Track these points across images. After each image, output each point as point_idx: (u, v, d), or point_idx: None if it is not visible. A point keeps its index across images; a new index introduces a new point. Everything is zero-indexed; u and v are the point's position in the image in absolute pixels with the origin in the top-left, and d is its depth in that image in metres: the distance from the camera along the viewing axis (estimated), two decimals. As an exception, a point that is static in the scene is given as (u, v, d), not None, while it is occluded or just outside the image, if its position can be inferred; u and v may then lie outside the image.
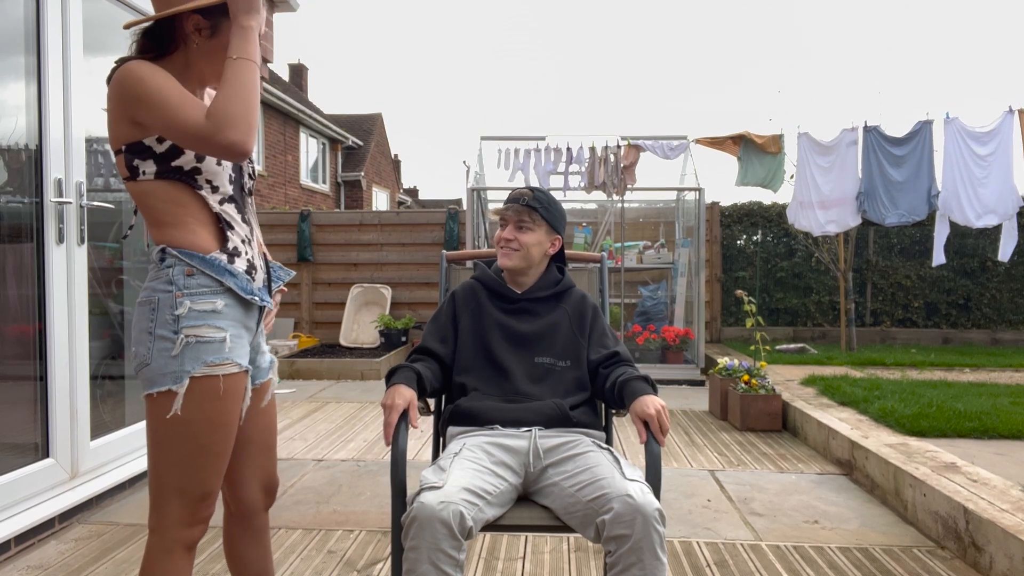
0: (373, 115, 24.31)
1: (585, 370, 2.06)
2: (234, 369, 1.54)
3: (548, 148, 7.03)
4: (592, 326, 2.14)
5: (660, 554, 1.59)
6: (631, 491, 1.63)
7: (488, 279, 2.17)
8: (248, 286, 1.59)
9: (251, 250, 1.64)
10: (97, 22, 3.24)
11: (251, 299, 1.59)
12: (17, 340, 2.84)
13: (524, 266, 2.11)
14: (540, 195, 2.11)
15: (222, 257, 1.55)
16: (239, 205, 1.63)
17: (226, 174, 1.58)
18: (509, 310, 2.11)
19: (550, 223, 2.11)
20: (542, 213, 2.09)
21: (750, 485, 3.57)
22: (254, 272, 1.63)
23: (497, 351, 2.04)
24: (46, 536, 2.81)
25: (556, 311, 2.12)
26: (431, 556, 1.56)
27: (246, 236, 1.63)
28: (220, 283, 1.53)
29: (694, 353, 6.85)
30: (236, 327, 1.57)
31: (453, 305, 2.15)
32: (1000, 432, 3.92)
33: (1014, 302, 8.48)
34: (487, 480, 1.75)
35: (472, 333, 2.09)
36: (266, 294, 1.66)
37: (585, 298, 2.18)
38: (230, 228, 1.59)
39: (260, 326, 1.70)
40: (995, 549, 2.46)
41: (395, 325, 7.93)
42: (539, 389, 1.99)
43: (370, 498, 3.31)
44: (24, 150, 2.84)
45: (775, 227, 8.70)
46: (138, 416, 3.56)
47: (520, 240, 2.08)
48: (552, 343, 2.07)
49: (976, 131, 6.50)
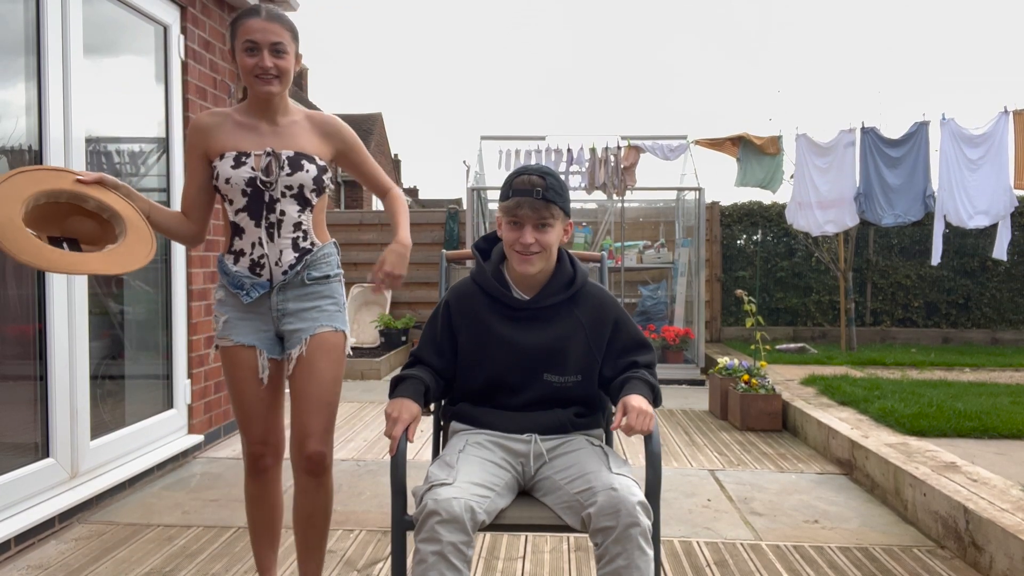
0: (373, 115, 24.33)
1: (595, 386, 1.93)
2: (228, 343, 2.03)
3: (548, 149, 7.04)
4: (613, 337, 1.91)
5: (644, 545, 1.60)
6: (615, 484, 1.65)
7: (489, 286, 1.91)
8: (239, 281, 1.99)
9: (263, 249, 1.98)
10: (97, 23, 3.24)
11: (236, 293, 2.00)
12: (17, 340, 2.83)
13: (548, 268, 1.89)
14: (552, 181, 1.82)
15: (228, 258, 2.01)
16: (254, 212, 1.96)
17: (238, 189, 1.94)
18: (514, 318, 1.89)
19: (564, 210, 1.86)
20: (560, 204, 1.83)
21: (750, 485, 3.57)
22: (259, 269, 1.99)
23: (502, 371, 1.88)
24: (46, 536, 2.81)
25: (569, 320, 1.89)
26: (443, 550, 1.58)
27: (260, 239, 1.97)
28: (223, 279, 2.02)
29: (694, 353, 6.86)
30: (235, 312, 2.02)
31: (448, 315, 1.94)
32: (1000, 432, 3.92)
33: (1014, 302, 8.48)
34: (493, 472, 1.78)
35: (473, 352, 1.90)
36: (257, 289, 1.99)
37: (604, 297, 1.95)
38: (240, 234, 1.99)
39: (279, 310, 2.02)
40: (995, 549, 2.46)
41: (395, 325, 7.93)
42: (544, 407, 1.91)
43: (370, 498, 3.31)
44: (25, 150, 2.84)
45: (775, 227, 8.70)
46: (138, 416, 3.57)
47: (542, 241, 1.82)
48: (563, 359, 1.88)
49: (971, 133, 6.53)
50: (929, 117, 6.72)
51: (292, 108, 2.05)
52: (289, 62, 1.95)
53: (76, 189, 1.82)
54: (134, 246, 1.84)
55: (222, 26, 4.23)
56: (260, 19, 1.91)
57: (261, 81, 1.91)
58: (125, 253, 1.81)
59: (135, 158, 3.63)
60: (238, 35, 1.92)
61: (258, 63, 1.90)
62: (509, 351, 1.87)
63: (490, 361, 1.89)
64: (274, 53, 1.91)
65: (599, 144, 6.93)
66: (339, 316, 2.08)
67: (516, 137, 7.18)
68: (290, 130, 2.01)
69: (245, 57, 1.91)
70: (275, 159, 1.95)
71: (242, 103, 2.03)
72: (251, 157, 1.95)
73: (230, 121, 2.00)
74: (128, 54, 3.53)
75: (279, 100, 2.00)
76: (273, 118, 2.00)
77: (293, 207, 1.98)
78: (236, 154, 1.95)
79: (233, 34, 1.94)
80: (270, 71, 1.90)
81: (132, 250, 1.83)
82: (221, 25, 4.22)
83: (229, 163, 1.95)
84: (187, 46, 3.88)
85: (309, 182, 1.98)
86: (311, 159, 1.99)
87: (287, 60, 1.94)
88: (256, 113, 1.99)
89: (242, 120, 2.00)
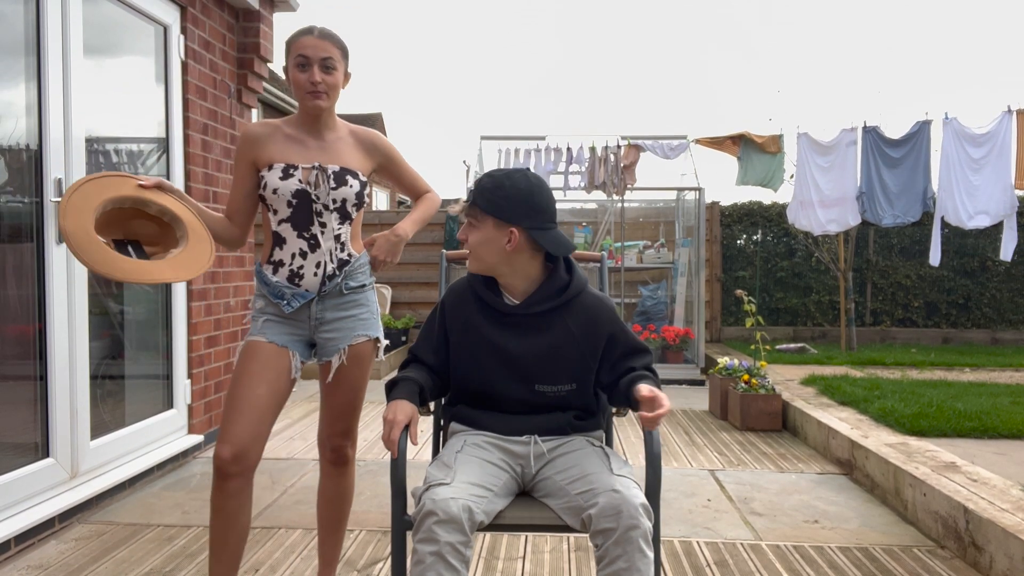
0: (373, 115, 24.32)
1: (591, 393, 1.90)
2: (260, 339, 2.04)
3: (548, 148, 7.03)
4: (608, 349, 1.87)
5: (644, 547, 1.60)
6: (616, 486, 1.65)
7: (479, 286, 1.89)
8: (279, 292, 2.05)
9: (303, 260, 2.04)
10: (97, 23, 3.24)
11: (277, 303, 2.05)
12: (17, 340, 2.83)
13: (483, 269, 1.85)
14: (485, 182, 1.81)
15: (267, 268, 2.07)
16: (297, 223, 2.03)
17: (284, 200, 2.01)
18: (503, 324, 1.85)
19: (495, 215, 1.78)
20: (482, 205, 1.79)
21: (750, 485, 3.57)
22: (299, 280, 2.04)
23: (491, 380, 1.86)
24: (46, 536, 2.81)
25: (559, 328, 1.84)
26: (440, 551, 1.58)
27: (301, 249, 2.03)
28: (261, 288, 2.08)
29: (694, 353, 6.86)
30: (274, 317, 2.07)
31: (443, 316, 1.93)
32: (1000, 432, 3.92)
33: (1014, 302, 8.48)
34: (491, 473, 1.78)
35: (463, 354, 1.89)
36: (299, 299, 2.05)
37: (600, 308, 1.88)
38: (281, 244, 2.05)
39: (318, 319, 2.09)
40: (995, 549, 2.46)
41: (395, 325, 7.93)
42: (542, 412, 1.89)
43: (370, 498, 3.31)
44: (24, 150, 2.84)
45: (775, 227, 8.70)
46: (138, 416, 3.57)
47: (468, 242, 1.83)
48: (554, 368, 1.84)
49: (973, 132, 6.52)
50: (932, 116, 6.72)
51: (338, 124, 2.14)
52: (338, 78, 2.05)
53: (139, 194, 1.92)
54: (196, 248, 1.95)
55: (222, 26, 4.23)
56: (312, 36, 2.01)
57: (311, 96, 2.00)
58: (189, 258, 1.92)
59: (135, 158, 3.63)
60: (291, 52, 2.03)
61: (308, 77, 1.99)
62: (497, 357, 1.85)
63: (479, 365, 1.87)
64: (323, 69, 2.01)
65: (599, 143, 6.93)
66: (373, 323, 2.19)
67: (516, 137, 7.17)
68: (335, 146, 2.11)
69: (297, 72, 2.01)
70: (322, 173, 2.04)
71: (291, 116, 2.13)
72: (299, 170, 2.04)
73: (280, 133, 2.08)
74: (128, 54, 3.53)
75: (327, 115, 2.10)
76: (320, 133, 2.10)
77: (335, 220, 2.06)
78: (285, 166, 2.04)
79: (287, 51, 2.05)
80: (319, 86, 1.99)
81: (195, 254, 1.94)
82: (221, 25, 4.22)
83: (277, 174, 2.03)
84: (187, 46, 3.88)
85: (352, 197, 2.08)
86: (355, 175, 2.10)
87: (336, 76, 2.03)
88: (304, 127, 2.09)
89: (291, 133, 2.08)
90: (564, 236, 1.85)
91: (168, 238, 1.97)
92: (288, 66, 2.04)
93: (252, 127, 2.09)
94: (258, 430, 1.99)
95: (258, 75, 4.52)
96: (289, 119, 2.12)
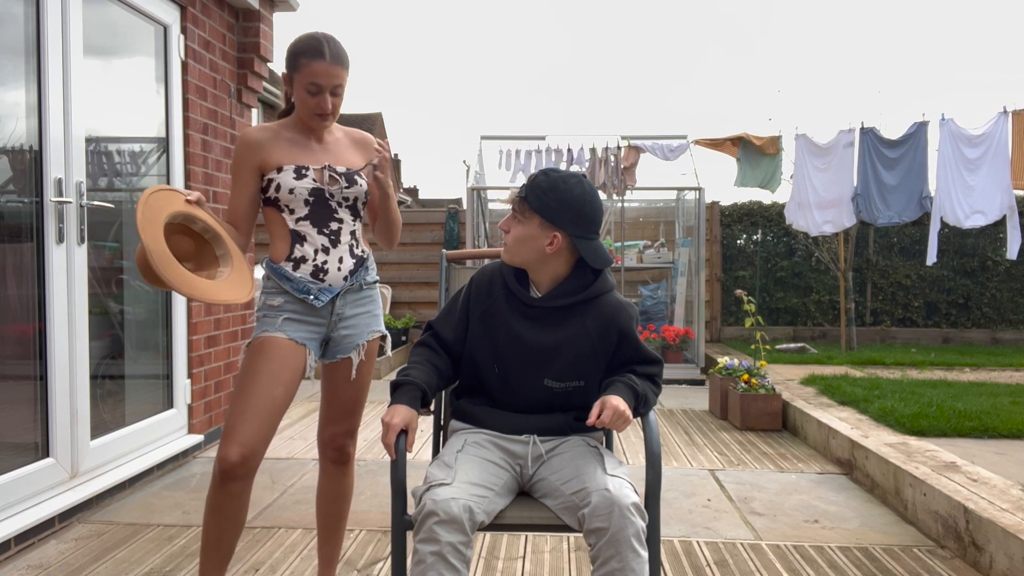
0: (373, 115, 24.31)
1: (595, 394, 1.87)
2: (279, 335, 2.02)
3: (548, 149, 7.04)
4: (619, 346, 1.88)
5: (637, 547, 1.61)
6: (609, 485, 1.65)
7: (509, 276, 1.90)
8: (304, 287, 2.05)
9: (327, 256, 2.07)
10: (97, 23, 3.24)
11: (303, 298, 2.05)
12: (17, 340, 2.83)
13: (516, 262, 1.87)
14: (541, 181, 1.82)
15: (287, 265, 2.06)
16: (316, 220, 2.06)
17: (302, 199, 2.04)
18: (524, 315, 1.87)
19: (544, 215, 1.80)
20: (532, 203, 1.80)
21: (750, 484, 3.57)
22: (323, 275, 2.07)
23: (506, 368, 1.88)
24: (46, 535, 2.81)
25: (575, 324, 1.86)
26: (441, 551, 1.58)
27: (323, 245, 2.07)
28: (280, 285, 2.06)
29: (694, 352, 6.86)
30: (295, 315, 2.06)
31: (468, 297, 1.94)
32: (1000, 431, 3.92)
33: (1014, 302, 8.48)
34: (492, 472, 1.79)
35: (482, 344, 1.90)
36: (326, 293, 2.07)
37: (619, 311, 1.88)
38: (301, 241, 2.06)
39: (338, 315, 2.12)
40: (995, 548, 2.46)
41: (395, 325, 7.93)
42: (544, 410, 1.90)
43: (370, 498, 3.31)
44: (25, 150, 2.84)
45: (775, 227, 8.70)
46: (138, 416, 3.57)
47: (509, 234, 1.86)
48: (564, 363, 1.85)
49: (969, 133, 6.55)
50: (928, 117, 6.74)
51: (333, 126, 2.18)
52: (342, 97, 2.09)
53: (189, 210, 1.91)
54: (241, 268, 1.98)
55: (222, 26, 4.23)
56: (325, 63, 1.99)
57: (319, 118, 2.05)
58: (238, 280, 1.94)
59: (135, 158, 3.64)
60: (302, 72, 2.00)
61: (319, 103, 2.02)
62: (512, 346, 1.86)
63: (493, 351, 1.88)
64: (333, 94, 2.05)
65: (599, 144, 6.94)
66: (380, 318, 2.26)
67: (516, 137, 7.18)
68: (335, 147, 2.16)
69: (307, 96, 2.02)
70: (334, 172, 2.09)
71: (287, 120, 2.14)
72: (310, 170, 2.08)
73: (281, 136, 2.10)
74: (128, 54, 3.53)
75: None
76: (320, 136, 2.15)
77: (348, 216, 2.13)
78: (296, 167, 2.07)
79: (295, 66, 2.02)
80: (328, 111, 2.04)
81: (244, 275, 1.97)
82: (221, 25, 4.22)
83: (290, 175, 2.05)
84: (187, 46, 3.88)
85: (362, 195, 2.14)
86: (359, 173, 2.15)
87: (341, 97, 2.09)
88: (303, 132, 2.12)
89: (292, 136, 2.11)
90: (604, 248, 1.86)
91: (203, 255, 1.96)
92: (294, 80, 2.03)
93: (251, 132, 2.09)
94: (268, 432, 1.98)
95: (258, 75, 4.52)
96: (285, 123, 2.13)
